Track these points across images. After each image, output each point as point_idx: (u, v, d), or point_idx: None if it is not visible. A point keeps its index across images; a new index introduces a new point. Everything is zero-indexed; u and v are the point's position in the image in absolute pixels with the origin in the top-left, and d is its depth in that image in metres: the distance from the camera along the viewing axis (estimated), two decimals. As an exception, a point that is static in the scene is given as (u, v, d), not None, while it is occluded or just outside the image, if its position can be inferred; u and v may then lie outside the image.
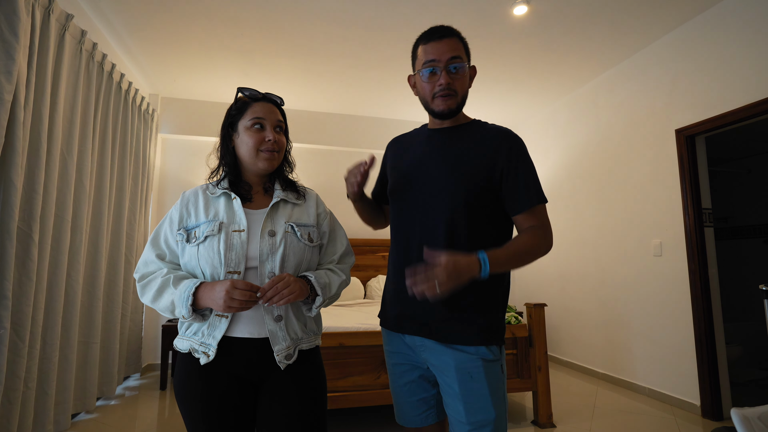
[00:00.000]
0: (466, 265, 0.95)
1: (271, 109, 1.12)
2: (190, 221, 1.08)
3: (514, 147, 1.12)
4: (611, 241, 3.52)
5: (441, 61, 1.10)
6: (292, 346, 1.06)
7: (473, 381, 1.05)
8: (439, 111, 1.14)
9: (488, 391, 1.04)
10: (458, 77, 1.12)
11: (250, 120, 1.10)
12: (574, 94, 4.03)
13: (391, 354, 1.22)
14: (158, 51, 3.30)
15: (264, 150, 1.10)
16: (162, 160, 4.18)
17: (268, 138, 1.09)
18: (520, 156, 1.11)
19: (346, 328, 2.38)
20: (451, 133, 1.18)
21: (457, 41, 1.13)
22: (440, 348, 1.08)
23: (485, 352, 1.06)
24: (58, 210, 2.35)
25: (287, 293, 0.98)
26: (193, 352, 1.03)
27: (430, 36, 1.13)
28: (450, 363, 1.06)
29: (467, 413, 1.03)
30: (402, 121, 4.76)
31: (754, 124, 3.23)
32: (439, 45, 1.11)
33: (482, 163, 1.10)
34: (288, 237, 1.07)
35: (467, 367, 1.05)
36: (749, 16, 2.53)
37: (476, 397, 1.04)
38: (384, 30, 2.99)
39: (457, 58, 1.11)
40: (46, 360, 2.23)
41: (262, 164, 1.11)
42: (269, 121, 1.11)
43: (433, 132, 1.22)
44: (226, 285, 0.95)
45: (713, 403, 2.68)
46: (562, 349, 4.09)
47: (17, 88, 1.91)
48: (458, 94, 1.13)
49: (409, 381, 1.17)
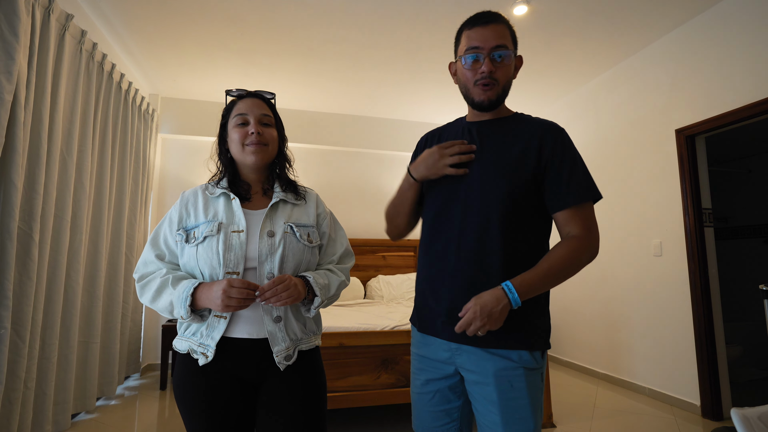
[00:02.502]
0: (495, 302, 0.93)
1: (255, 104, 1.13)
2: (189, 221, 1.08)
3: (559, 139, 1.05)
4: (611, 241, 3.52)
5: (485, 48, 1.03)
6: (291, 346, 1.05)
7: (513, 390, 0.98)
8: (479, 101, 1.07)
9: (528, 402, 0.98)
10: (502, 66, 1.05)
11: (234, 117, 1.12)
12: (574, 94, 4.03)
13: (420, 358, 1.13)
14: (158, 51, 3.30)
15: (249, 144, 1.10)
16: (162, 160, 4.18)
17: (251, 131, 1.10)
18: (565, 148, 1.04)
19: (346, 328, 2.38)
20: (492, 126, 1.11)
21: (505, 28, 1.06)
22: (479, 352, 1.01)
23: (528, 359, 1.00)
24: (58, 210, 2.35)
25: (285, 296, 0.97)
26: (192, 353, 1.03)
27: (475, 21, 1.07)
28: (489, 369, 1.00)
29: (505, 424, 0.97)
30: (402, 121, 4.76)
31: (754, 124, 3.23)
32: (484, 31, 1.04)
33: (525, 156, 1.03)
34: (287, 237, 1.07)
35: (508, 376, 0.99)
36: (749, 16, 2.53)
37: (515, 407, 0.98)
38: (384, 30, 2.99)
39: (503, 46, 1.03)
40: (46, 360, 2.23)
41: (249, 158, 1.11)
42: (252, 115, 1.11)
43: (471, 125, 1.14)
44: (223, 284, 0.95)
45: (713, 403, 2.68)
46: (562, 349, 4.09)
47: (17, 88, 1.91)
48: (500, 84, 1.05)
49: (434, 390, 1.09)
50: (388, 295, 3.90)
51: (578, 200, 1.01)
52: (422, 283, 1.14)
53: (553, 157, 1.03)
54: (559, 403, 2.93)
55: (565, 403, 2.95)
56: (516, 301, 0.94)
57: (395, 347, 2.38)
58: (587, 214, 1.03)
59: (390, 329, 2.41)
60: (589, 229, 1.02)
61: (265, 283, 1.01)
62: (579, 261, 1.00)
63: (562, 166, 1.02)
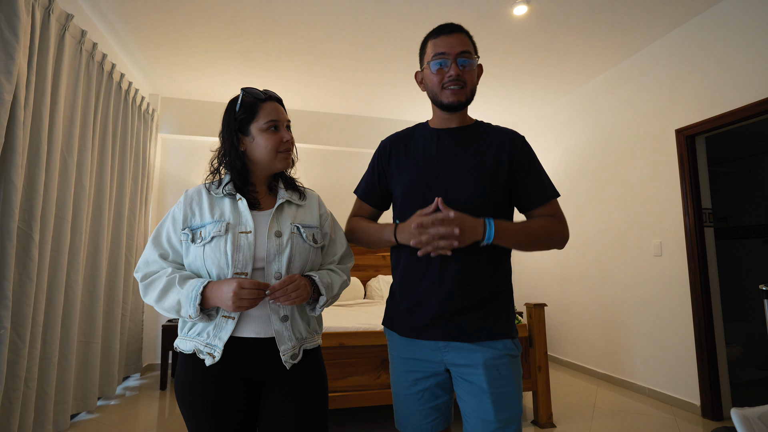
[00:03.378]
0: (473, 224, 1.02)
1: (280, 109, 1.13)
2: (194, 221, 1.07)
3: (525, 147, 1.17)
4: (611, 241, 3.52)
5: (451, 54, 1.11)
6: (297, 345, 1.06)
7: (501, 377, 1.05)
8: (449, 102, 1.13)
9: (514, 387, 1.06)
10: (467, 71, 1.13)
11: (265, 123, 1.09)
12: (574, 94, 4.03)
13: (403, 360, 1.16)
14: (158, 51, 3.30)
15: (283, 151, 1.11)
16: (162, 160, 4.18)
17: (286, 138, 1.11)
18: (530, 155, 1.17)
19: (346, 328, 2.38)
20: (463, 134, 1.18)
21: (466, 38, 1.14)
22: (468, 346, 1.08)
23: (511, 347, 1.09)
24: (58, 210, 2.35)
25: (295, 296, 0.98)
26: (198, 353, 1.02)
27: (439, 31, 1.14)
28: (479, 360, 1.06)
29: (496, 411, 1.03)
30: (402, 121, 4.76)
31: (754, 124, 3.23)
32: (449, 39, 1.12)
33: (498, 162, 1.13)
34: (294, 238, 1.08)
35: (496, 364, 1.06)
36: (749, 17, 2.53)
37: (504, 393, 1.04)
38: (384, 30, 2.99)
39: (467, 53, 1.12)
40: (46, 360, 2.23)
41: (280, 164, 1.12)
42: (281, 121, 1.11)
43: (441, 132, 1.19)
44: (233, 286, 0.94)
45: (713, 403, 2.68)
46: (562, 349, 4.09)
47: (17, 88, 1.91)
48: (467, 87, 1.13)
49: (423, 389, 1.13)
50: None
51: (551, 197, 1.16)
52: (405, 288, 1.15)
53: (521, 162, 1.15)
54: (559, 403, 2.93)
55: (565, 403, 2.95)
56: (489, 237, 1.03)
57: (395, 347, 2.38)
58: (558, 207, 1.17)
59: (390, 329, 2.41)
60: (561, 217, 1.17)
61: (272, 283, 1.01)
62: (552, 236, 1.13)
63: (531, 170, 1.15)
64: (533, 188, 1.15)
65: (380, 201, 1.30)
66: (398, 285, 1.19)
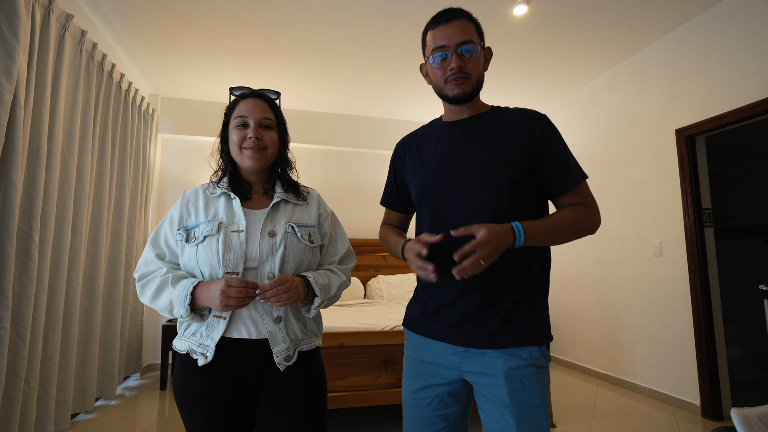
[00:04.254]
0: (503, 234, 0.91)
1: (256, 106, 1.11)
2: (189, 221, 1.08)
3: (546, 127, 1.06)
4: (611, 241, 3.52)
5: (450, 45, 1.03)
6: (291, 347, 1.05)
7: (525, 390, 0.97)
8: (453, 95, 1.06)
9: (540, 401, 0.97)
10: (471, 60, 1.05)
11: (234, 118, 1.11)
12: (574, 94, 4.03)
13: (418, 362, 1.10)
14: (158, 51, 3.30)
15: (246, 147, 1.09)
16: (162, 160, 4.18)
17: (249, 135, 1.09)
18: (553, 135, 1.06)
19: (346, 328, 2.38)
20: (475, 123, 1.10)
21: (467, 22, 1.06)
22: (489, 353, 1.00)
23: (537, 356, 0.99)
24: (58, 210, 2.35)
25: (286, 297, 0.97)
26: (191, 353, 1.03)
27: (438, 20, 1.07)
28: (500, 369, 0.98)
29: (519, 426, 0.95)
30: (402, 121, 4.76)
31: (754, 124, 3.23)
32: (447, 29, 1.04)
33: (516, 147, 1.04)
34: (288, 237, 1.07)
35: (518, 375, 0.97)
36: (748, 17, 2.53)
37: (529, 408, 0.96)
38: (384, 30, 2.99)
39: (468, 41, 1.03)
40: (47, 360, 2.23)
41: (246, 162, 1.10)
42: (252, 118, 1.10)
43: (453, 125, 1.13)
44: (221, 284, 0.94)
45: (713, 403, 2.68)
46: (562, 349, 4.09)
47: (17, 88, 1.91)
48: (472, 77, 1.05)
49: (433, 395, 1.07)
50: (388, 295, 3.90)
51: (579, 180, 1.05)
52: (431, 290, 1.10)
53: (545, 144, 1.05)
54: (559, 403, 2.93)
55: (565, 403, 2.95)
56: (520, 241, 0.94)
57: (395, 347, 2.38)
58: (587, 190, 1.07)
59: (390, 329, 2.41)
60: (592, 203, 1.07)
61: (265, 283, 1.00)
62: (582, 226, 1.03)
63: (555, 154, 1.05)
64: (558, 175, 1.04)
65: (403, 205, 1.26)
66: (423, 288, 1.14)
